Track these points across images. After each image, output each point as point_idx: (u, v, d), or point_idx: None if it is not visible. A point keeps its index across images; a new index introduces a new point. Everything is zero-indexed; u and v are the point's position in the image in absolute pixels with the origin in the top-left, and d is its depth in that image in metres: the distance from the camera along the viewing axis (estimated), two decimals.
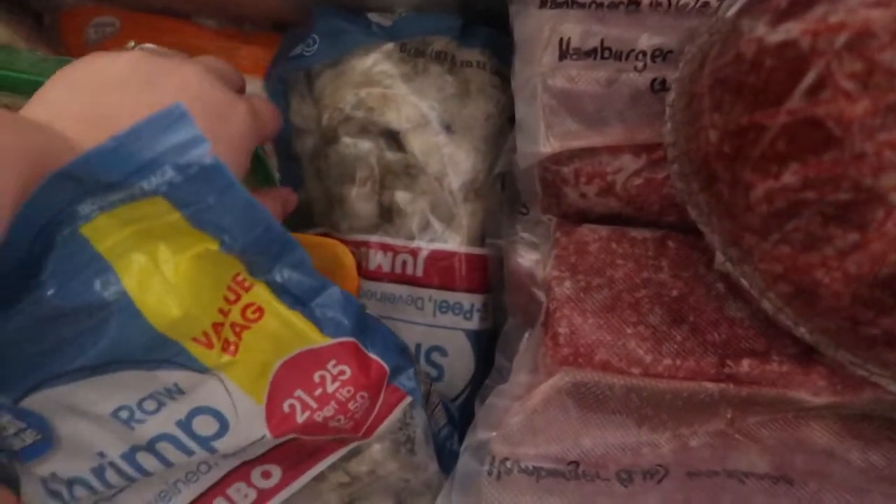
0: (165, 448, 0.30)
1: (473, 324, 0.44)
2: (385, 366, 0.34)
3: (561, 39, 0.36)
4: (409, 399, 0.36)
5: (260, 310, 0.30)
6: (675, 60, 0.34)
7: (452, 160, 0.43)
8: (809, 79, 0.22)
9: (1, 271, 0.25)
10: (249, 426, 0.31)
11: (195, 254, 0.27)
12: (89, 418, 0.29)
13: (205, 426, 0.30)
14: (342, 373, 0.32)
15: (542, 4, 0.37)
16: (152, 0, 0.47)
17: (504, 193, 0.45)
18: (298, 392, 0.31)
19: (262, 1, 0.47)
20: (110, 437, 0.30)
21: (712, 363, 0.33)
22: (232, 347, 0.30)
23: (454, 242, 0.43)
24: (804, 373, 0.32)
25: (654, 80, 0.35)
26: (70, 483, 0.30)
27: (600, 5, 0.37)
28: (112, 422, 0.29)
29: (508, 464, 0.32)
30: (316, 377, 0.32)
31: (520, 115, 0.37)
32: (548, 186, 0.38)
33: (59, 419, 0.29)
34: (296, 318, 0.31)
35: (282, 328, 0.31)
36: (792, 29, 0.23)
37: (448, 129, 0.43)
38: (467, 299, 0.43)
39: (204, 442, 0.30)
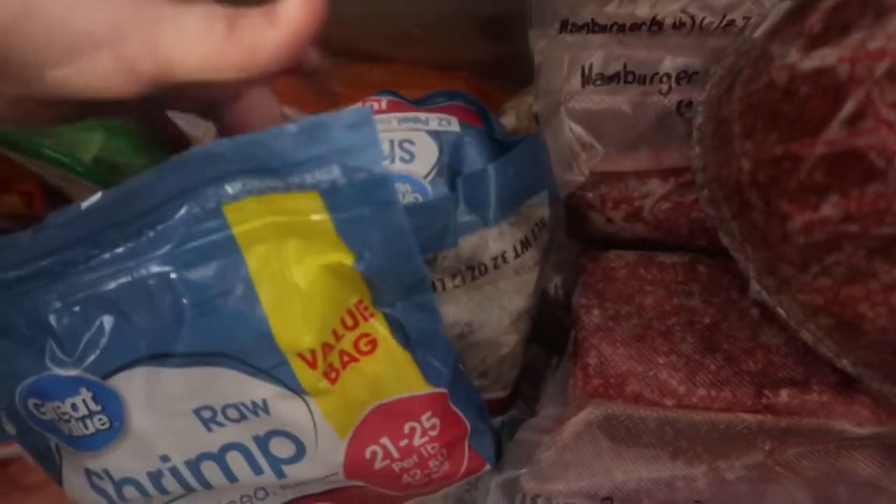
0: (234, 459, 0.28)
1: None
2: (467, 424, 0.32)
3: (583, 65, 0.35)
4: (486, 466, 0.33)
5: (373, 343, 0.28)
6: (701, 82, 0.34)
7: None
8: (848, 108, 0.21)
9: (126, 214, 0.24)
10: (325, 459, 0.29)
11: (327, 263, 0.25)
12: (169, 412, 0.27)
13: (281, 448, 0.28)
14: (433, 427, 0.30)
15: (562, 29, 0.37)
16: None
17: None
18: (384, 439, 0.29)
19: None
20: (181, 440, 0.28)
21: (749, 393, 0.32)
22: (333, 375, 0.28)
23: None
24: (846, 403, 0.31)
25: (680, 103, 0.35)
26: (121, 484, 0.28)
27: (622, 28, 0.36)
28: (191, 420, 0.27)
29: (540, 501, 0.31)
30: (406, 427, 0.30)
31: (546, 139, 0.36)
32: (573, 212, 0.38)
33: (137, 408, 0.27)
34: (406, 361, 0.29)
35: (390, 368, 0.29)
36: (828, 56, 0.22)
37: None
38: None
39: (275, 464, 0.29)
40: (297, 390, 0.27)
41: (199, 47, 0.21)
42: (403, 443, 0.30)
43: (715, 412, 0.32)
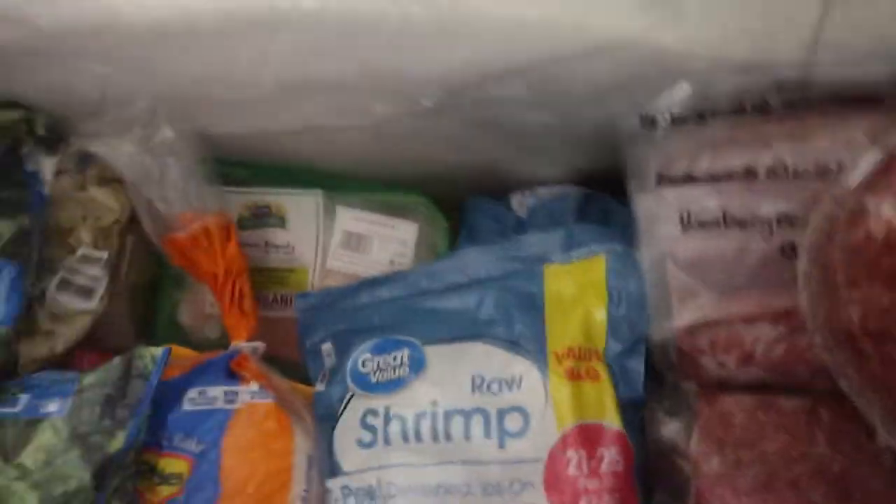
0: (476, 421, 0.39)
1: None
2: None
3: (681, 215, 0.37)
4: None
5: (598, 376, 0.39)
6: (802, 227, 0.35)
7: None
8: None
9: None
10: (539, 442, 0.38)
11: (589, 308, 0.40)
12: (454, 371, 0.40)
13: (513, 422, 0.39)
14: (616, 462, 0.37)
15: (659, 182, 0.39)
16: None
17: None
18: (582, 451, 0.37)
19: None
20: (451, 393, 0.40)
21: None
22: (569, 375, 0.38)
23: None
24: None
25: (783, 246, 0.36)
26: (390, 419, 0.41)
27: (716, 178, 0.38)
28: (466, 381, 0.40)
29: None
30: (599, 451, 0.37)
31: (650, 288, 0.38)
32: (684, 357, 0.38)
33: (434, 365, 0.41)
34: (614, 401, 0.38)
35: (603, 397, 0.38)
36: None
37: None
38: None
39: (502, 435, 0.38)
40: (545, 372, 0.39)
41: None
42: (592, 462, 0.37)
43: None
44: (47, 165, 0.52)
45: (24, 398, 0.43)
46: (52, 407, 0.42)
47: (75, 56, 0.41)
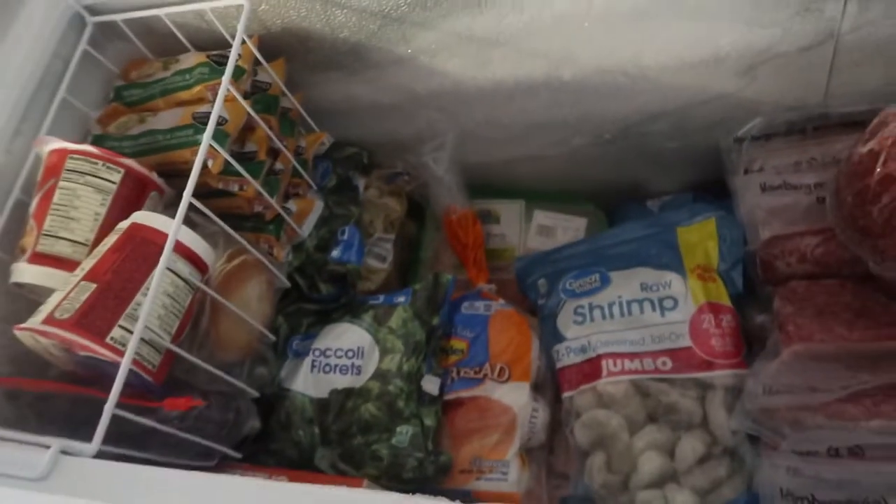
0: (647, 305, 0.68)
1: None
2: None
3: (761, 185, 0.69)
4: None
5: (715, 280, 0.68)
6: (827, 188, 0.65)
7: None
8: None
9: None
10: (685, 312, 0.67)
11: (708, 247, 0.70)
12: (632, 281, 0.70)
13: (668, 303, 0.68)
14: (730, 322, 0.66)
15: (745, 172, 0.71)
16: None
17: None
18: (710, 315, 0.66)
19: None
20: (627, 291, 0.70)
21: None
22: (699, 278, 0.68)
23: None
24: None
25: (818, 198, 0.66)
26: (593, 308, 0.70)
27: (778, 169, 0.69)
28: (636, 284, 0.70)
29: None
30: (720, 316, 0.66)
31: (745, 224, 0.68)
32: (764, 263, 0.68)
33: (616, 280, 0.71)
34: (725, 292, 0.68)
35: (720, 290, 0.68)
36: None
37: None
38: None
39: (663, 310, 0.68)
40: (685, 277, 0.68)
41: None
42: (717, 321, 0.66)
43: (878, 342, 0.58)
44: (361, 182, 0.87)
45: (381, 297, 0.75)
46: (400, 299, 0.74)
47: (420, 109, 0.76)
